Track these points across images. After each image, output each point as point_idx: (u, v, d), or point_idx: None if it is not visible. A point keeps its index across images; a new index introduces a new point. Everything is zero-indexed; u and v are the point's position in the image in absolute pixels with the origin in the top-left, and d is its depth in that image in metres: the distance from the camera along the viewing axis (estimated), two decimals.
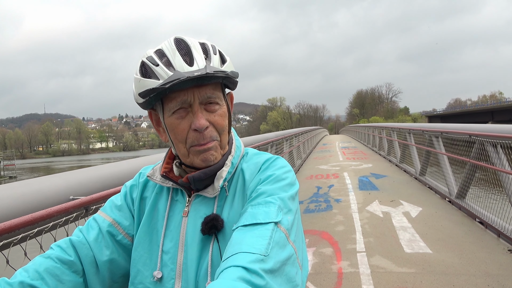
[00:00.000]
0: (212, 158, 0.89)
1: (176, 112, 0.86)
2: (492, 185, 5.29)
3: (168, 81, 0.81)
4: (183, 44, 0.86)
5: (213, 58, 0.86)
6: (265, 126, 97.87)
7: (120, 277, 0.94)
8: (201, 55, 0.85)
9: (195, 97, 0.85)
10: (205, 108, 0.87)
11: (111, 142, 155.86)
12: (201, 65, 0.83)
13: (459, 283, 3.31)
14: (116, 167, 2.51)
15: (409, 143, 9.81)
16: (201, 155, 0.88)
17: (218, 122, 0.89)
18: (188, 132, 0.87)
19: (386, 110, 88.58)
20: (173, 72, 0.82)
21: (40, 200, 1.76)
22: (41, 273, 0.81)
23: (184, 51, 0.85)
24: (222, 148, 0.92)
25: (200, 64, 0.83)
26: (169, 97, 0.86)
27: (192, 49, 0.86)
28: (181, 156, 0.92)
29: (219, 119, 0.89)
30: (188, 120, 0.86)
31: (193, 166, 0.91)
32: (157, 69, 0.84)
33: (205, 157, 0.88)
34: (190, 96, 0.85)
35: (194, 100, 0.85)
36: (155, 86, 0.82)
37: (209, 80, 0.84)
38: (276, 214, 0.78)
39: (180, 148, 0.90)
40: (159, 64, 0.84)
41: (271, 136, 9.31)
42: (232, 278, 0.64)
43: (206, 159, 0.88)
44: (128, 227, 0.96)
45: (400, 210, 5.89)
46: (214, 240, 0.85)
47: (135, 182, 1.02)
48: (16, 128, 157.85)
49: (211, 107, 0.88)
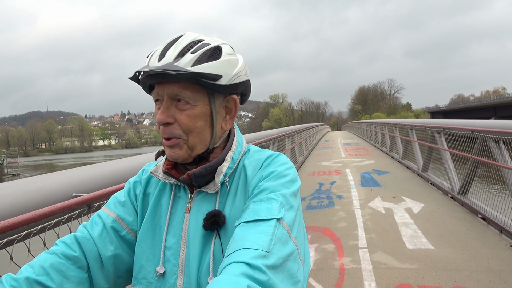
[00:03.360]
0: (176, 156, 0.89)
1: (156, 103, 0.90)
2: (494, 181, 5.28)
3: (139, 70, 0.87)
4: (172, 41, 0.89)
5: (186, 57, 0.85)
6: (267, 123, 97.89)
7: (124, 272, 0.95)
8: (176, 52, 0.85)
9: (164, 92, 0.87)
10: (176, 105, 0.87)
11: (114, 140, 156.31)
12: (166, 61, 0.84)
13: (461, 279, 3.32)
14: (118, 165, 2.52)
15: (411, 139, 9.79)
16: (167, 150, 0.90)
17: (183, 121, 0.87)
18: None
19: (388, 106, 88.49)
20: (146, 65, 0.86)
21: (43, 197, 1.78)
22: (47, 269, 0.82)
23: (167, 47, 0.87)
24: (191, 148, 0.90)
25: (166, 60, 0.85)
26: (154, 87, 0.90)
27: (173, 45, 0.87)
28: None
29: (184, 118, 0.87)
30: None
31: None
32: (145, 59, 0.89)
33: (169, 153, 0.90)
34: (161, 90, 0.87)
35: (163, 94, 0.87)
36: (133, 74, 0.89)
37: (170, 77, 0.83)
38: (278, 211, 0.78)
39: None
40: (148, 56, 0.89)
41: (273, 133, 9.30)
42: (235, 273, 0.65)
43: (170, 156, 0.90)
44: (131, 222, 0.97)
45: (402, 206, 5.89)
46: (216, 236, 0.86)
47: (138, 179, 1.03)
48: (19, 126, 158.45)
49: (179, 105, 0.87)
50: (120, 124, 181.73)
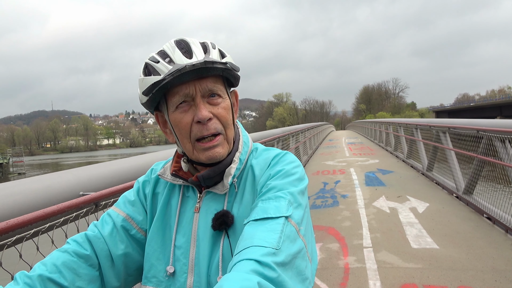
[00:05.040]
0: (219, 156, 0.90)
1: (179, 106, 0.88)
2: (500, 181, 5.25)
3: (168, 73, 0.84)
4: (183, 43, 0.89)
5: (212, 52, 0.88)
6: (271, 122, 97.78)
7: (135, 271, 0.96)
8: (200, 50, 0.87)
9: (197, 90, 0.87)
10: (208, 101, 0.88)
11: (118, 139, 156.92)
12: (199, 57, 0.85)
13: (466, 279, 3.31)
14: (125, 163, 2.54)
15: (416, 139, 9.75)
16: (206, 152, 0.89)
17: (221, 114, 0.89)
18: (191, 125, 0.88)
19: (393, 106, 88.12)
20: (172, 65, 0.85)
21: (51, 195, 1.80)
22: (59, 267, 0.84)
23: (184, 48, 0.87)
24: (229, 142, 0.93)
25: (199, 56, 0.85)
26: (172, 92, 0.87)
27: (191, 45, 0.88)
28: (187, 153, 0.93)
29: (222, 111, 0.90)
30: (191, 114, 0.87)
31: (198, 162, 0.93)
32: (158, 66, 0.86)
33: (211, 155, 0.89)
34: (192, 89, 0.86)
35: (196, 93, 0.87)
36: (156, 80, 0.85)
37: (208, 71, 0.86)
38: (286, 209, 0.79)
39: (185, 144, 0.91)
40: (159, 61, 0.86)
41: (277, 132, 9.31)
42: (245, 270, 0.66)
43: (211, 157, 0.89)
44: (141, 222, 0.98)
45: (407, 205, 5.88)
46: (224, 236, 0.87)
47: (147, 178, 1.04)
48: (24, 125, 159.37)
49: (213, 100, 0.89)
50: (124, 123, 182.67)
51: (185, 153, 0.95)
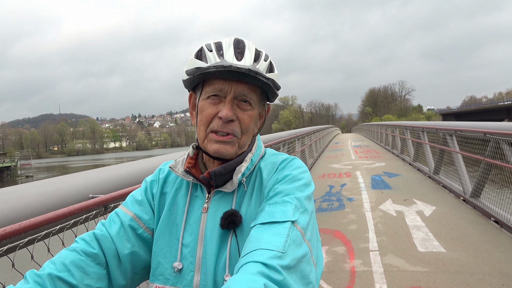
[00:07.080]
0: (225, 152, 0.93)
1: (211, 97, 0.93)
2: (507, 184, 5.21)
3: (213, 65, 0.88)
4: (241, 43, 0.93)
5: (262, 63, 0.92)
6: (277, 125, 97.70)
7: (141, 269, 0.98)
8: (252, 56, 0.91)
9: (232, 90, 0.91)
10: (238, 104, 0.93)
11: (125, 142, 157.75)
12: (247, 63, 0.89)
13: (473, 282, 3.30)
14: (133, 166, 2.57)
15: (422, 142, 9.71)
16: (215, 145, 0.93)
17: (245, 120, 0.93)
18: (213, 118, 0.92)
19: (399, 108, 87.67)
20: (221, 60, 0.89)
21: (62, 198, 1.83)
22: (68, 265, 0.86)
23: (239, 48, 0.92)
24: (240, 146, 0.96)
25: (247, 62, 0.89)
26: (210, 82, 0.92)
27: (246, 48, 0.92)
28: (199, 139, 0.97)
29: (247, 118, 0.94)
30: (217, 108, 0.92)
31: (206, 151, 0.96)
32: (209, 54, 0.91)
33: (218, 149, 0.92)
34: (228, 87, 0.91)
35: (230, 92, 0.91)
36: (201, 66, 0.90)
37: (249, 79, 0.90)
38: (292, 213, 0.81)
39: (200, 131, 0.95)
40: (212, 50, 0.91)
41: (283, 135, 9.32)
42: (252, 272, 0.68)
43: (218, 151, 0.93)
44: (148, 221, 1.00)
45: (413, 209, 5.86)
46: (232, 235, 0.90)
47: (155, 178, 1.06)
48: (32, 128, 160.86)
49: (243, 105, 0.93)
50: (131, 126, 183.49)
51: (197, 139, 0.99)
